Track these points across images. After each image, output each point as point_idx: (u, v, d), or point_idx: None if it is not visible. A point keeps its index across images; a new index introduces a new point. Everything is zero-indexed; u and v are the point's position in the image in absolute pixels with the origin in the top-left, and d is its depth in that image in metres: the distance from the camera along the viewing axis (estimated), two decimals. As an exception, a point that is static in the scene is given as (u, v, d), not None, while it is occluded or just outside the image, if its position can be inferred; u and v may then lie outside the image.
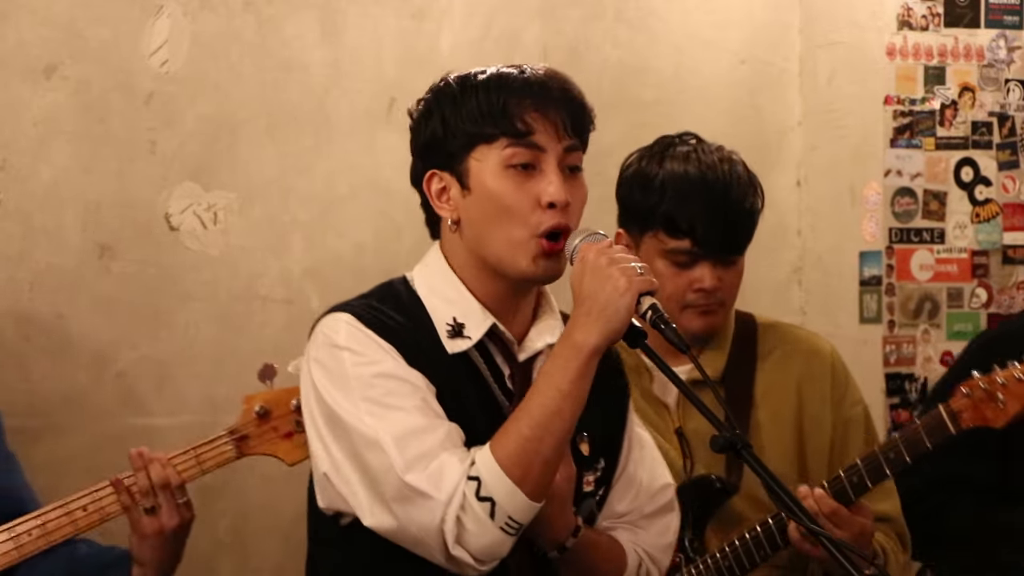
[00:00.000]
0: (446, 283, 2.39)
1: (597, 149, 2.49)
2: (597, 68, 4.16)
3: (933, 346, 4.25)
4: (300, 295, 3.85)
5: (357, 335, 2.32)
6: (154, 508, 2.76)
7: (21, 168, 3.59)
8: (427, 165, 2.40)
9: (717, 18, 4.31)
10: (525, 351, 2.40)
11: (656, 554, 2.52)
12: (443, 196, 2.39)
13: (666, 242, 3.01)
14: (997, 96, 4.28)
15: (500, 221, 2.33)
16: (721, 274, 3.02)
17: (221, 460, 2.86)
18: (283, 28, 3.83)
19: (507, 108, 2.33)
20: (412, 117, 2.44)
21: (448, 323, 2.36)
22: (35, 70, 3.60)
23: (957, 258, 4.27)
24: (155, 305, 3.70)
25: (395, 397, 2.28)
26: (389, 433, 2.25)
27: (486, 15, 4.05)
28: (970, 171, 4.27)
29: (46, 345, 3.59)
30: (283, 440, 2.88)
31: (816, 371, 3.13)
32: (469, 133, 2.35)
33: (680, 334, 2.23)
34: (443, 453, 2.23)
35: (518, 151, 2.33)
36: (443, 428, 2.27)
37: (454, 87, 2.39)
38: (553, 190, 2.32)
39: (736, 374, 3.10)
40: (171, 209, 3.72)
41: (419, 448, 2.24)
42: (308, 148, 3.86)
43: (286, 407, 2.86)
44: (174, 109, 3.72)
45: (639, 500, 2.52)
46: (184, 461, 2.81)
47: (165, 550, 2.80)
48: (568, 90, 2.39)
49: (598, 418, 2.43)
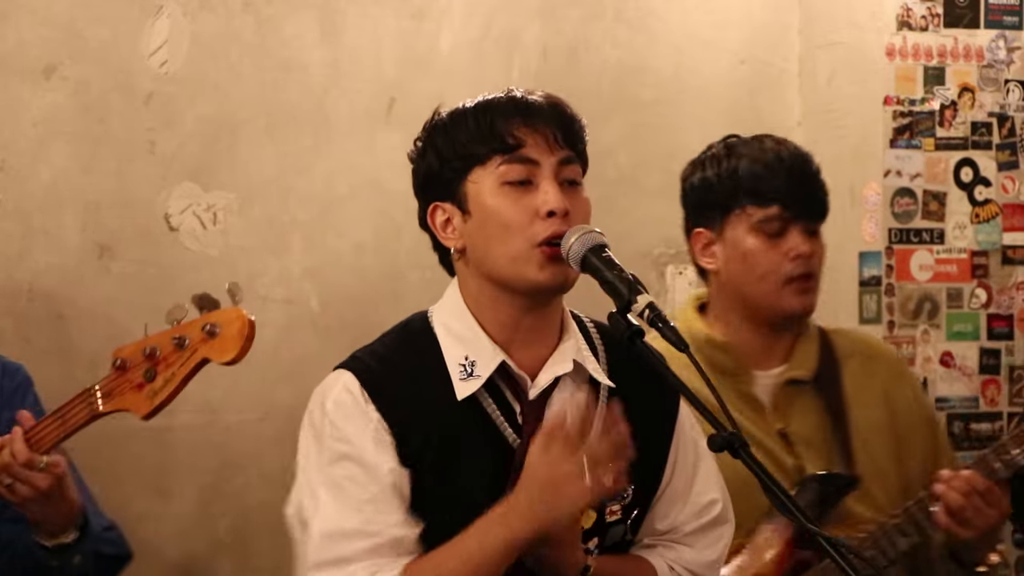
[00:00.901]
0: (460, 320, 2.37)
1: (597, 149, 2.49)
2: (596, 68, 4.16)
3: (933, 346, 4.25)
4: (299, 295, 3.85)
5: (346, 404, 2.32)
6: (11, 486, 2.73)
7: (21, 168, 3.60)
8: (429, 199, 2.40)
9: (716, 18, 4.31)
10: (536, 387, 2.36)
11: (699, 571, 2.48)
12: (447, 227, 2.38)
13: (754, 214, 3.03)
14: (997, 97, 4.28)
15: (501, 237, 2.32)
16: (812, 244, 3.06)
17: (78, 420, 2.70)
18: (282, 28, 3.83)
19: (495, 126, 2.33)
20: (412, 160, 2.45)
21: (461, 363, 2.34)
22: (35, 70, 3.61)
23: (957, 258, 4.27)
24: (155, 305, 3.69)
25: (352, 484, 2.29)
26: (320, 524, 2.29)
27: (486, 15, 4.05)
28: (970, 171, 4.27)
29: (46, 345, 3.59)
30: (133, 392, 2.64)
31: (895, 372, 3.19)
32: (462, 157, 2.35)
33: (679, 334, 2.22)
34: (357, 564, 2.26)
35: (512, 167, 2.32)
36: (378, 537, 2.27)
37: (445, 119, 2.40)
38: (550, 198, 2.31)
39: (826, 375, 3.11)
40: (171, 209, 3.72)
41: (338, 553, 2.27)
42: (307, 148, 3.86)
43: (140, 358, 2.62)
44: (173, 109, 3.72)
45: (681, 518, 2.48)
46: (44, 428, 2.72)
47: (49, 507, 2.76)
48: (557, 104, 2.39)
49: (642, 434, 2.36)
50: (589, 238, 2.31)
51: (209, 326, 2.52)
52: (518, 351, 2.36)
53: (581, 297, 2.41)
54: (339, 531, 2.28)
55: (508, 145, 2.33)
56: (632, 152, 4.18)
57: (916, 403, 3.17)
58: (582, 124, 2.42)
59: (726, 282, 3.10)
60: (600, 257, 2.30)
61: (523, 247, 2.31)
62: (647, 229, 4.14)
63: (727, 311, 3.11)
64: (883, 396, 3.13)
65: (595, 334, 2.46)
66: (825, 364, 3.12)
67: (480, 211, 2.34)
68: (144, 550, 3.64)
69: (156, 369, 2.57)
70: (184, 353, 2.55)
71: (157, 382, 2.56)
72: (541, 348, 2.38)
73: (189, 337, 2.54)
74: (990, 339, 4.25)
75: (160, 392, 2.57)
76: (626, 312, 2.25)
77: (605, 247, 2.32)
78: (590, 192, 2.41)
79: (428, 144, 2.40)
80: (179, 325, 2.56)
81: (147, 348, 2.59)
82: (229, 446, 3.78)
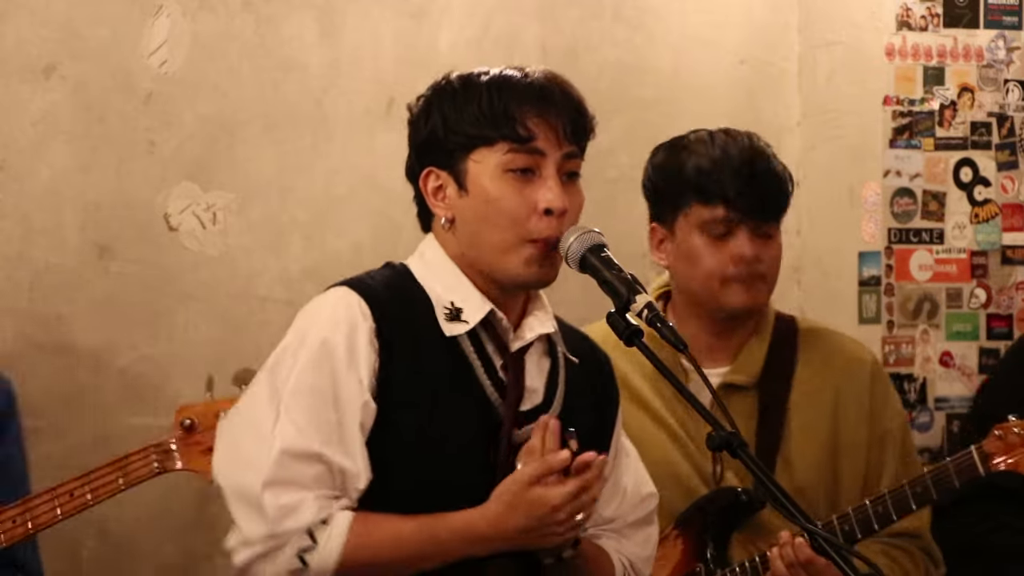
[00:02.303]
0: (444, 270, 2.38)
1: (596, 149, 2.49)
2: (596, 68, 4.16)
3: (932, 346, 4.25)
4: (299, 295, 3.84)
5: (346, 321, 2.30)
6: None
7: (20, 168, 3.59)
8: (424, 162, 2.40)
9: (716, 18, 4.31)
10: (518, 340, 2.39)
11: (639, 564, 2.53)
12: (439, 194, 2.39)
13: (700, 213, 2.99)
14: (996, 96, 4.28)
15: (495, 224, 2.32)
16: (760, 248, 2.99)
17: (143, 475, 2.75)
18: (282, 28, 3.83)
19: (509, 112, 2.33)
20: (411, 112, 2.44)
21: (446, 306, 2.36)
22: (34, 70, 3.61)
23: (956, 258, 4.27)
24: (154, 305, 3.70)
25: (323, 405, 2.27)
26: (281, 442, 2.25)
27: (485, 15, 4.05)
28: (969, 171, 4.27)
29: (45, 345, 3.59)
30: (203, 455, 2.68)
31: (855, 380, 3.08)
32: (469, 135, 2.34)
33: (677, 334, 2.22)
34: (309, 493, 2.24)
35: (518, 156, 2.33)
36: (332, 464, 2.26)
37: (456, 86, 2.39)
38: (552, 196, 2.32)
39: (772, 379, 3.05)
40: (170, 209, 3.72)
41: (294, 473, 2.24)
42: (307, 148, 3.86)
43: (212, 420, 2.67)
44: (173, 109, 3.72)
45: (624, 507, 2.52)
46: (107, 475, 2.73)
47: None
48: (570, 96, 2.39)
49: (589, 420, 2.43)
50: (588, 238, 2.32)
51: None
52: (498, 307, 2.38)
53: (581, 297, 2.41)
54: (300, 452, 2.25)
55: (520, 135, 2.33)
56: (631, 152, 4.17)
57: (869, 413, 3.07)
58: (593, 119, 2.42)
59: (675, 278, 3.09)
60: (599, 257, 2.31)
61: (515, 240, 2.32)
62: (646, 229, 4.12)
63: (678, 305, 3.09)
64: (832, 406, 3.05)
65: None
66: (774, 367, 3.05)
67: (479, 192, 2.34)
68: (144, 550, 3.65)
69: None
70: None
71: None
72: (512, 313, 2.40)
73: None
74: (989, 339, 4.25)
75: None
76: (625, 311, 2.27)
77: (604, 247, 2.33)
78: (590, 192, 2.41)
79: (435, 107, 2.39)
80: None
81: (216, 412, 2.63)
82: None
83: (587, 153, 2.43)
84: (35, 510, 2.73)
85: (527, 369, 2.39)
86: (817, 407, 3.05)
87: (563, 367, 2.44)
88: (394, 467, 2.30)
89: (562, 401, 2.41)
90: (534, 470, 2.24)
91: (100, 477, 2.71)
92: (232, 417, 2.36)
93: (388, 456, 2.30)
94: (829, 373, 3.08)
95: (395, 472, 2.30)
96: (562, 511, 2.25)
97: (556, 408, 2.40)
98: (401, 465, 2.30)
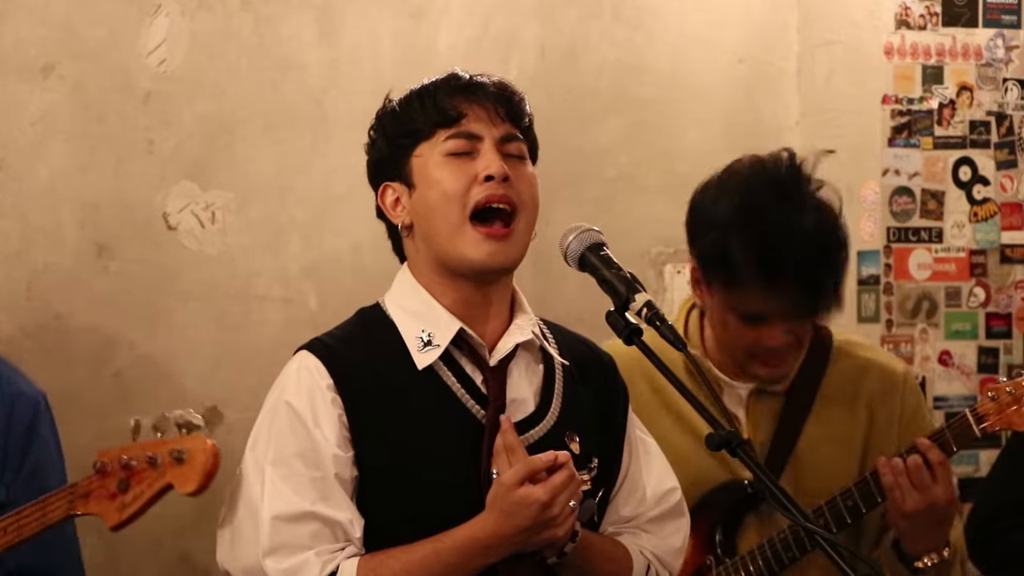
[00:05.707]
0: (413, 298, 2.41)
1: (595, 149, 2.50)
2: (595, 67, 4.16)
3: (931, 345, 4.25)
4: (298, 294, 3.85)
5: (301, 380, 2.35)
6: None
7: (18, 168, 3.60)
8: (379, 181, 2.46)
9: (715, 17, 4.31)
10: (497, 353, 2.39)
11: (666, 557, 2.52)
12: (397, 206, 2.44)
13: (735, 295, 2.90)
14: (995, 95, 4.28)
15: (441, 206, 2.36)
16: (795, 328, 2.94)
17: (55, 517, 2.65)
18: (281, 27, 3.83)
19: (439, 103, 2.40)
20: (367, 152, 2.49)
21: (418, 336, 2.38)
22: (32, 70, 3.61)
23: (955, 257, 4.27)
24: (153, 304, 3.70)
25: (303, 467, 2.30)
26: (270, 510, 2.29)
27: (484, 14, 4.05)
28: (968, 170, 4.27)
29: (44, 344, 3.59)
30: (108, 500, 2.57)
31: (888, 390, 3.09)
32: (408, 134, 2.41)
33: (676, 332, 2.22)
34: (310, 552, 2.27)
35: (456, 141, 2.38)
36: (326, 518, 2.29)
37: (394, 104, 2.47)
38: (489, 162, 2.35)
39: (800, 386, 3.05)
40: (169, 208, 3.72)
41: (290, 536, 2.27)
42: (306, 147, 3.86)
43: (118, 464, 2.56)
44: (172, 108, 3.72)
45: (644, 505, 2.51)
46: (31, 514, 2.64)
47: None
48: (499, 82, 2.45)
49: (590, 417, 2.43)
50: (587, 236, 2.33)
51: (177, 452, 2.46)
52: (473, 326, 2.39)
53: (581, 297, 2.41)
54: (291, 515, 2.28)
55: (450, 117, 2.38)
56: (630, 151, 4.17)
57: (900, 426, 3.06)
58: (523, 100, 2.46)
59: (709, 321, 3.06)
60: (598, 255, 2.32)
61: (459, 218, 2.33)
62: (645, 228, 4.13)
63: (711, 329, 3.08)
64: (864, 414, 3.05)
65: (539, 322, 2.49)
66: (804, 375, 3.05)
67: (423, 182, 2.39)
68: (144, 549, 3.65)
69: (130, 482, 2.52)
70: (154, 473, 2.50)
71: (128, 496, 2.53)
72: (496, 322, 2.41)
73: (160, 458, 2.50)
74: (988, 338, 4.25)
75: (129, 506, 2.52)
76: (624, 310, 2.27)
77: (603, 245, 2.34)
78: (589, 191, 2.41)
79: (378, 131, 2.47)
80: (156, 441, 2.50)
81: (124, 458, 2.54)
82: (230, 444, 3.77)
83: (586, 153, 2.44)
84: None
85: (513, 379, 2.39)
86: (844, 414, 3.06)
87: (558, 371, 2.44)
88: (388, 506, 2.33)
89: (560, 405, 2.41)
90: (517, 472, 2.26)
91: (27, 516, 2.70)
92: (227, 502, 2.40)
93: (380, 497, 2.33)
94: (863, 382, 3.09)
95: (390, 510, 2.33)
96: (554, 505, 2.26)
97: (554, 413, 2.40)
98: (394, 503, 2.33)
